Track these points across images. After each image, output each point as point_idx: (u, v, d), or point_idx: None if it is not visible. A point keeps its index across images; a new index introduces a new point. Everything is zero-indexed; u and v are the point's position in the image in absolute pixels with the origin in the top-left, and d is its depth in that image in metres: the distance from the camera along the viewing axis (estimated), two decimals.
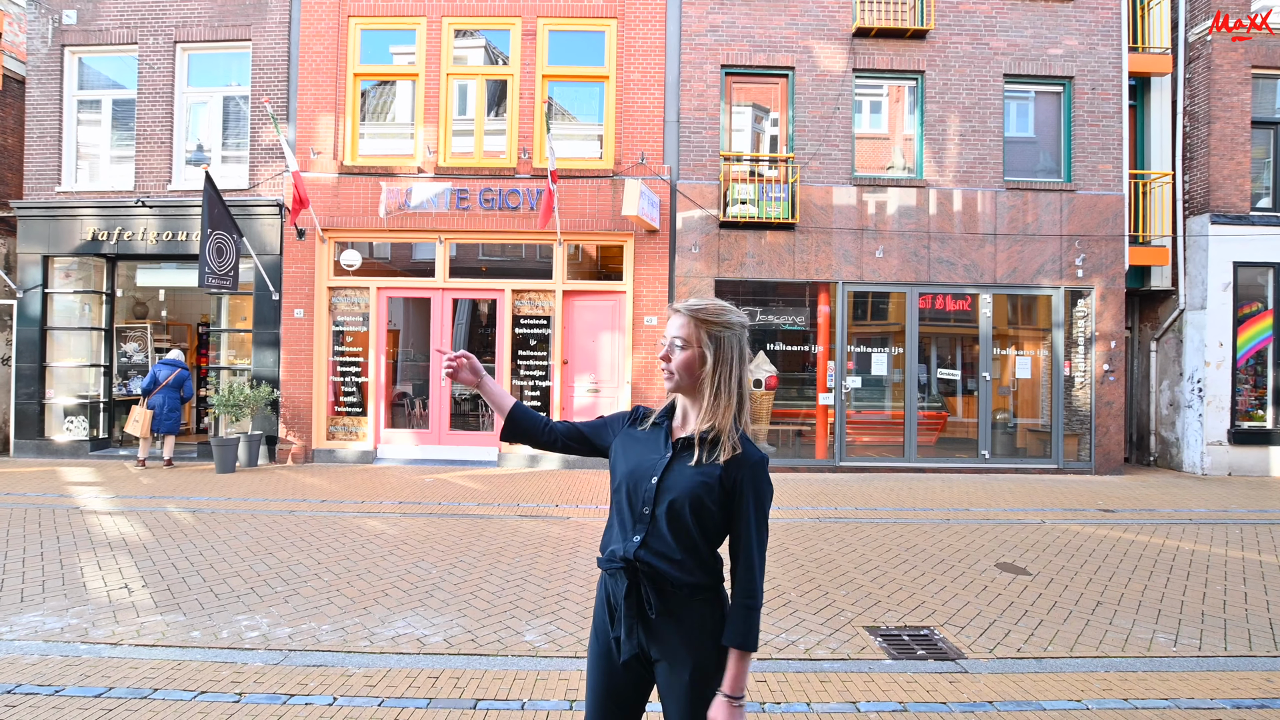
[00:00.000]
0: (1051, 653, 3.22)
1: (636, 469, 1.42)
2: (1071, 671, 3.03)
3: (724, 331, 1.40)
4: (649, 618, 1.37)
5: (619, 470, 1.46)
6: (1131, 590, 4.11)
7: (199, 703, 2.62)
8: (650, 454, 1.43)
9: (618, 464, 1.47)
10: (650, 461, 1.42)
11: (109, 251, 8.70)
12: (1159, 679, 2.97)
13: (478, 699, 2.69)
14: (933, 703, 2.72)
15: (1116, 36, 8.60)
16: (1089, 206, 8.56)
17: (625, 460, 1.46)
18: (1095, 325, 8.52)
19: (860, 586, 4.12)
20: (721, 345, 1.39)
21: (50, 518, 5.48)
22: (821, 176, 8.48)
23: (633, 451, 1.46)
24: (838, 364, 8.47)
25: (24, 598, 3.74)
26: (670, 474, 1.39)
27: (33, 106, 8.87)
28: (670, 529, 1.36)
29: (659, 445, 1.44)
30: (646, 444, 1.46)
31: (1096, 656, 3.19)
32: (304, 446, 8.43)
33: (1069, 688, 2.87)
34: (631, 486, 1.41)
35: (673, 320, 1.44)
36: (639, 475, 1.41)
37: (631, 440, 1.49)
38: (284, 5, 8.62)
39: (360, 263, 8.68)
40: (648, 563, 1.35)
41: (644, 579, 1.36)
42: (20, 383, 8.76)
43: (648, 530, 1.37)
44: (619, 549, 1.39)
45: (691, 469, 1.37)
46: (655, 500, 1.37)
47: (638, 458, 1.44)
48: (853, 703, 2.72)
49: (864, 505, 6.48)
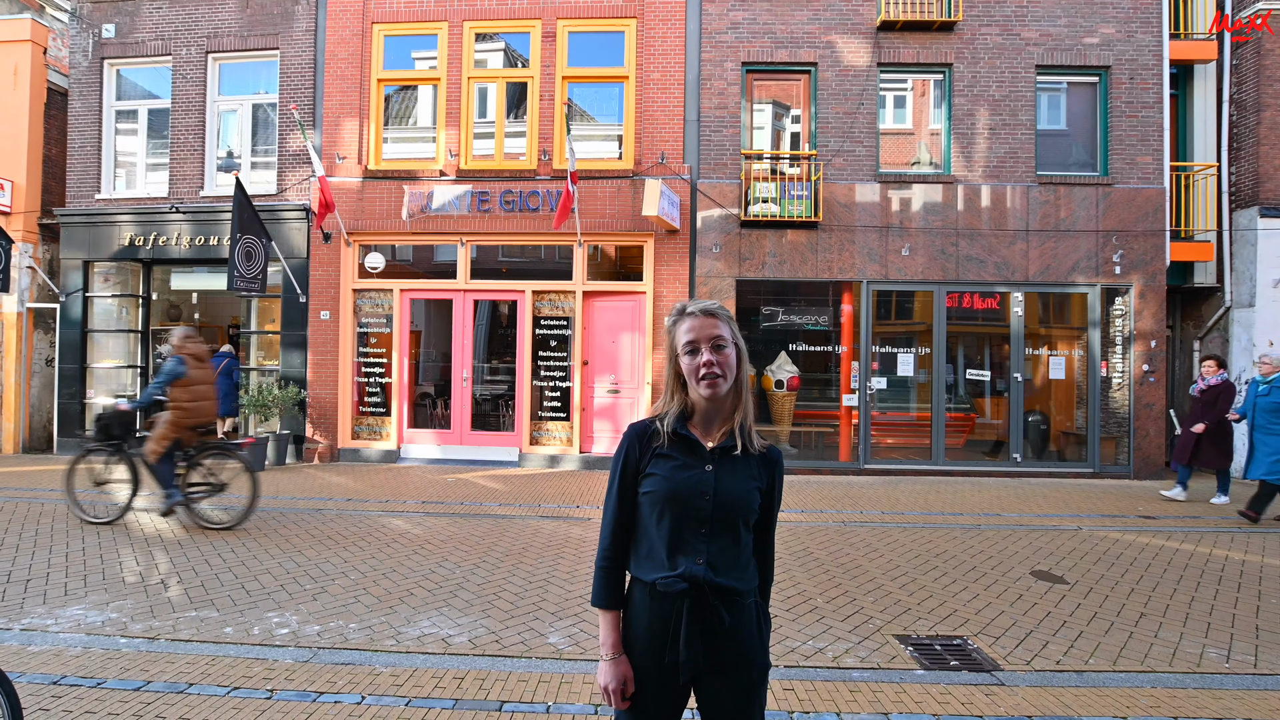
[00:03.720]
0: (1093, 666, 3.09)
1: (682, 488, 1.35)
2: (1115, 686, 2.91)
3: (736, 327, 1.42)
4: (717, 633, 1.35)
5: (659, 492, 1.36)
6: (1178, 601, 3.94)
7: (232, 698, 2.67)
8: (689, 469, 1.36)
9: (657, 485, 1.37)
10: (695, 477, 1.35)
11: (145, 256, 8.98)
12: (1211, 697, 2.82)
13: (503, 701, 2.69)
14: (968, 716, 2.63)
15: (1157, 23, 8.28)
16: (1127, 201, 8.25)
17: (666, 480, 1.36)
18: (1134, 324, 8.21)
19: (889, 593, 4.02)
20: (739, 340, 1.41)
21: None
22: (845, 174, 8.34)
23: (669, 470, 1.37)
24: (862, 364, 8.31)
25: (68, 591, 3.86)
26: (721, 485, 1.35)
27: (74, 117, 9.20)
28: (730, 541, 1.36)
29: (695, 458, 1.38)
30: (679, 459, 1.38)
31: (1142, 671, 3.06)
32: (330, 446, 8.58)
33: (1113, 703, 2.75)
34: (680, 508, 1.35)
35: (699, 322, 1.37)
36: (688, 493, 1.34)
37: (662, 460, 1.39)
38: (310, 14, 8.80)
39: (384, 265, 8.80)
40: (714, 581, 1.33)
41: (715, 596, 1.34)
42: (63, 383, 9.09)
43: (709, 547, 1.35)
44: (684, 569, 1.34)
45: (739, 475, 1.37)
46: (713, 516, 1.34)
47: (678, 475, 1.36)
48: (884, 714, 2.64)
49: (890, 509, 6.34)
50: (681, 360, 1.38)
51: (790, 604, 3.83)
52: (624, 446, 1.44)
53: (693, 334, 1.36)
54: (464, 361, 8.69)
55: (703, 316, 1.37)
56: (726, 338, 1.36)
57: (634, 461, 1.42)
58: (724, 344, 1.36)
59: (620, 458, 1.43)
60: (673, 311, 1.43)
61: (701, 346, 1.35)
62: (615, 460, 1.44)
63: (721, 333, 1.36)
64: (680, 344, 1.38)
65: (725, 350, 1.36)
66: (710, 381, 1.34)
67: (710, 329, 1.36)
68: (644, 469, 1.40)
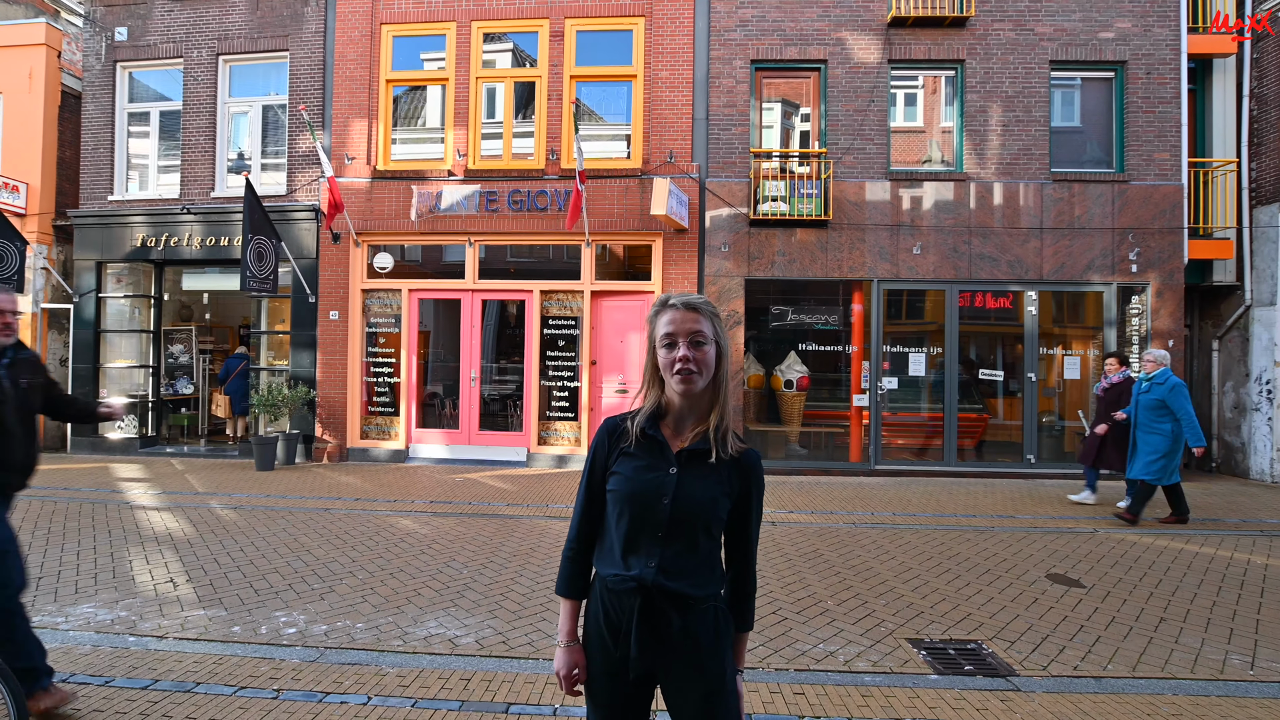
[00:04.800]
0: (1112, 672, 3.02)
1: (642, 489, 1.32)
2: (1135, 693, 2.83)
3: (721, 324, 1.37)
4: (666, 635, 1.32)
5: (621, 491, 1.34)
6: (1198, 606, 3.84)
7: (239, 698, 2.66)
8: (652, 471, 1.33)
9: (619, 485, 1.34)
10: (656, 480, 1.32)
11: (157, 257, 9.06)
12: (1235, 705, 2.74)
13: (510, 703, 2.66)
14: None
15: (1174, 17, 8.13)
16: (1143, 198, 8.11)
17: (628, 481, 1.33)
18: (1151, 323, 8.06)
19: (901, 596, 3.95)
20: (722, 339, 1.36)
21: (103, 512, 5.71)
22: (855, 172, 8.26)
23: (632, 470, 1.34)
24: (873, 364, 8.22)
25: (78, 589, 3.88)
26: (683, 490, 1.31)
27: (87, 120, 9.30)
28: (686, 547, 1.31)
29: (659, 459, 1.33)
30: (644, 460, 1.34)
31: (1163, 678, 2.98)
32: (339, 445, 8.61)
33: (1133, 711, 2.68)
34: (639, 509, 1.31)
35: (680, 315, 1.32)
36: (647, 496, 1.31)
37: (627, 459, 1.35)
38: (319, 15, 8.84)
39: (392, 265, 8.83)
40: (664, 585, 1.30)
41: (664, 600, 1.30)
42: (76, 383, 9.19)
43: (663, 551, 1.31)
44: (636, 571, 1.31)
45: (704, 480, 1.32)
46: (670, 520, 1.30)
47: (640, 477, 1.33)
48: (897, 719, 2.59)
49: (902, 510, 6.26)
50: (659, 353, 1.34)
51: (800, 606, 3.77)
52: (595, 442, 1.42)
53: (671, 326, 1.32)
54: (472, 361, 8.70)
55: (684, 310, 1.33)
56: (707, 334, 1.32)
57: (603, 458, 1.40)
58: (703, 340, 1.31)
59: (591, 454, 1.42)
60: (655, 303, 1.39)
61: (679, 340, 1.31)
62: (588, 455, 1.44)
63: (702, 328, 1.31)
64: (658, 336, 1.34)
65: (704, 347, 1.31)
66: (684, 377, 1.30)
67: (690, 323, 1.31)
68: (611, 466, 1.38)
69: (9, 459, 2.62)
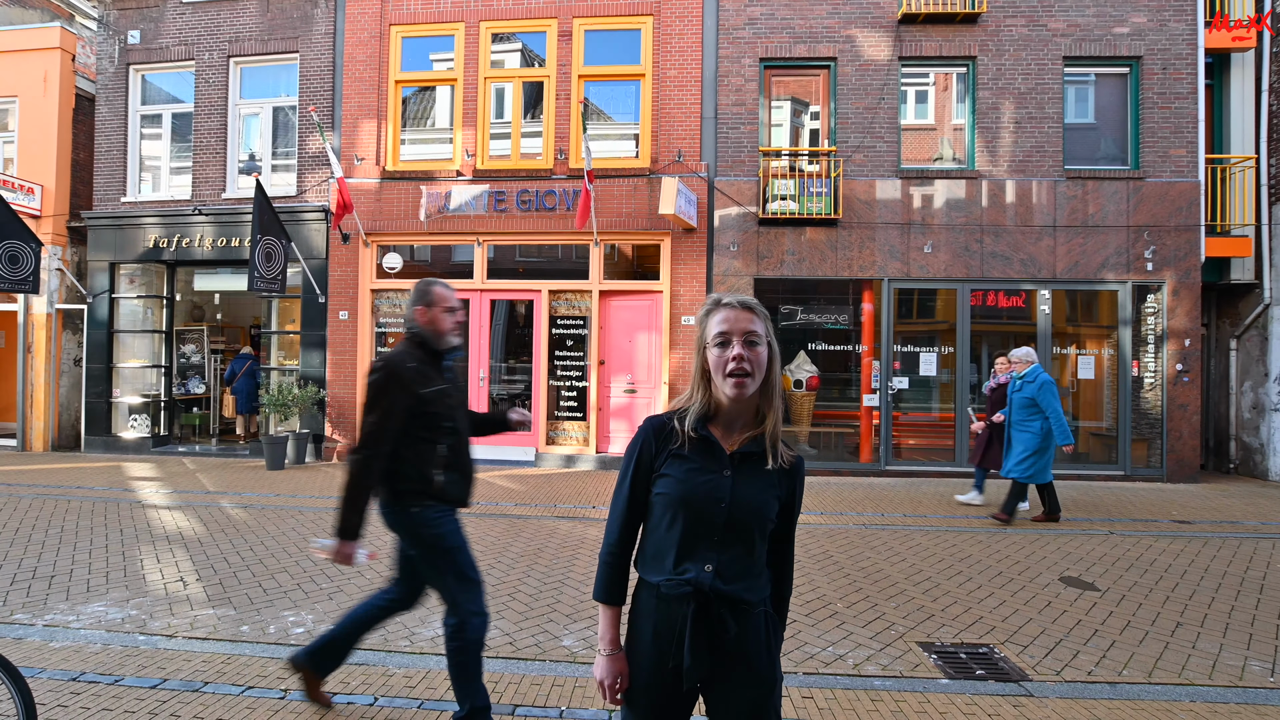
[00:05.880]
0: (1127, 677, 2.96)
1: (696, 493, 1.29)
2: (1151, 699, 2.78)
3: (771, 326, 1.35)
4: (721, 642, 1.29)
5: (672, 495, 1.30)
6: (1216, 611, 3.77)
7: (246, 698, 2.67)
8: (706, 473, 1.30)
9: (670, 488, 1.31)
10: (711, 483, 1.29)
11: (169, 258, 9.16)
12: (1256, 713, 2.68)
13: (516, 705, 2.65)
14: None
15: (1191, 11, 7.98)
16: (1159, 195, 7.97)
17: (680, 484, 1.30)
18: (1167, 322, 7.93)
19: (912, 599, 3.91)
20: (774, 341, 1.33)
21: (115, 511, 5.77)
22: (865, 170, 8.18)
23: (684, 473, 1.30)
24: (883, 364, 8.15)
25: (89, 587, 3.92)
26: (738, 493, 1.29)
27: (101, 122, 9.42)
28: (743, 551, 1.30)
29: (713, 461, 1.31)
30: (696, 462, 1.31)
31: (1180, 684, 2.92)
32: (349, 444, 8.66)
33: (1150, 718, 2.62)
34: (694, 513, 1.29)
35: (735, 314, 1.29)
36: (703, 499, 1.29)
37: (678, 461, 1.32)
38: (329, 17, 8.89)
39: (401, 265, 8.86)
40: (721, 590, 1.27)
41: (721, 605, 1.28)
42: (90, 382, 9.31)
43: (719, 556, 1.29)
44: (692, 575, 1.28)
45: (759, 483, 1.30)
46: (726, 524, 1.28)
47: (694, 479, 1.30)
48: None
49: (912, 511, 6.20)
50: (709, 353, 1.31)
51: (810, 609, 3.74)
52: (639, 441, 1.37)
53: (725, 325, 1.29)
54: (480, 361, 8.71)
55: (739, 309, 1.30)
56: (760, 334, 1.29)
57: (648, 459, 1.35)
58: (757, 340, 1.29)
59: (634, 453, 1.37)
60: (706, 302, 1.36)
61: (733, 339, 1.28)
62: (628, 455, 1.38)
63: (756, 328, 1.29)
64: (710, 335, 1.31)
65: (758, 348, 1.28)
66: (738, 380, 1.27)
67: (745, 323, 1.29)
68: (658, 468, 1.34)
69: (469, 467, 2.52)
